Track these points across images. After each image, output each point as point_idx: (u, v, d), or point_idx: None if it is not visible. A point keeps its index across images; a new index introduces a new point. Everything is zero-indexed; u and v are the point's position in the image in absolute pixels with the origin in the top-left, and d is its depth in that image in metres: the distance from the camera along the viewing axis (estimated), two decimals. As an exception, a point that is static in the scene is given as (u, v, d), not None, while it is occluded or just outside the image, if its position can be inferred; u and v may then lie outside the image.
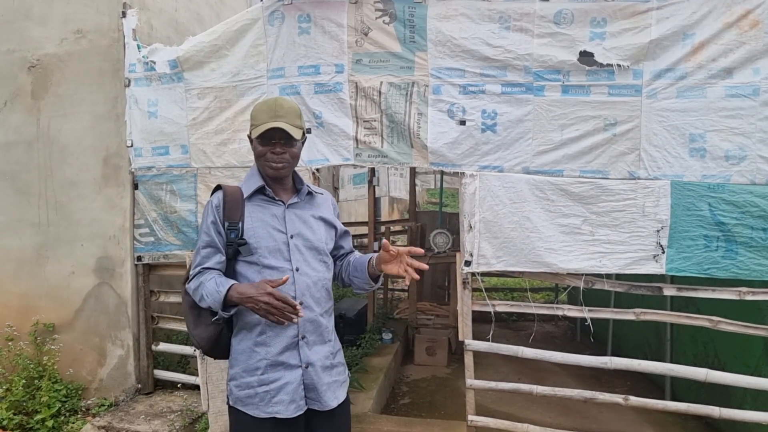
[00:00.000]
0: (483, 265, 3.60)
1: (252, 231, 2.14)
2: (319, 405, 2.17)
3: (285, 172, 2.19)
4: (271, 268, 2.12)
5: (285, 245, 2.15)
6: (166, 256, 4.18)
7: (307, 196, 2.28)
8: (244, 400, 2.15)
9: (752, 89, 3.26)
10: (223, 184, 2.24)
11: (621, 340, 6.37)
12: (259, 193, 2.21)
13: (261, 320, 2.10)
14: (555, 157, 3.51)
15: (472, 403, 3.71)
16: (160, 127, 4.03)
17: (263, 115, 2.12)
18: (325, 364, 2.20)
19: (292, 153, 2.17)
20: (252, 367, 2.14)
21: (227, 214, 2.15)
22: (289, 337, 2.13)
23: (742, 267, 3.33)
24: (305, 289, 2.15)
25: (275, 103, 2.15)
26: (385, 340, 6.35)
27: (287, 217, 2.19)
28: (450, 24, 3.54)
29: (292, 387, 2.12)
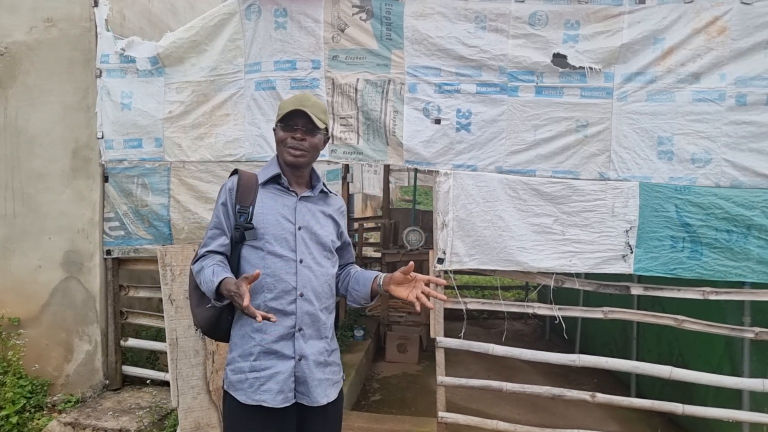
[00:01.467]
0: (456, 263, 3.63)
1: (261, 216, 2.15)
2: (308, 400, 2.16)
3: (303, 161, 2.19)
4: (275, 255, 2.13)
5: (292, 235, 2.16)
6: (136, 250, 4.12)
7: (320, 193, 2.28)
8: (236, 385, 2.15)
9: (718, 94, 3.36)
10: (239, 169, 2.26)
11: (589, 338, 6.49)
12: (273, 182, 2.22)
13: (259, 305, 2.10)
14: (528, 157, 3.56)
15: (442, 400, 3.74)
16: (134, 120, 3.98)
17: (289, 104, 2.16)
18: (319, 359, 2.18)
19: (312, 143, 2.17)
20: (247, 352, 2.15)
21: (239, 198, 2.17)
22: (285, 327, 2.13)
23: (707, 267, 3.42)
24: (306, 282, 2.14)
25: (303, 95, 2.21)
26: (356, 337, 6.36)
27: (298, 209, 2.19)
28: (426, 22, 3.57)
29: (282, 377, 2.12)
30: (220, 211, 2.19)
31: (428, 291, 2.05)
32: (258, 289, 2.12)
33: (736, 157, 3.37)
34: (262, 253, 2.13)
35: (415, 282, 2.08)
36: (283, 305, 2.12)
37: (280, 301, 2.12)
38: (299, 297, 2.12)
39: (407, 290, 2.08)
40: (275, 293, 2.12)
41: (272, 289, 2.12)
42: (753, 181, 3.37)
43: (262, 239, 2.13)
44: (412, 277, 2.07)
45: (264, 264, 2.12)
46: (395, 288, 2.11)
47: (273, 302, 2.11)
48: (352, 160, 3.78)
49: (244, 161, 3.82)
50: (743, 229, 3.36)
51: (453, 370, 4.18)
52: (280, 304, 2.12)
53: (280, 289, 2.12)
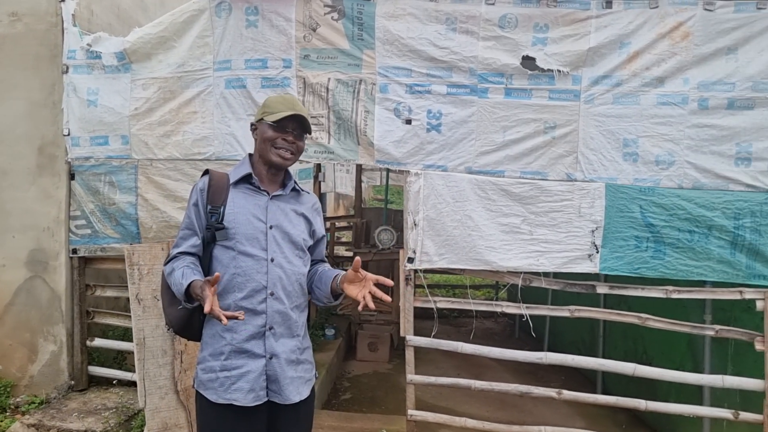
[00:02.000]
0: (426, 262, 3.66)
1: (232, 216, 2.16)
2: (279, 398, 2.16)
3: (290, 163, 2.23)
4: (246, 254, 2.13)
5: (263, 234, 2.16)
6: (103, 249, 4.06)
7: (292, 191, 2.29)
8: (206, 384, 2.15)
9: (681, 98, 3.44)
10: (211, 169, 2.26)
11: (557, 336, 6.59)
12: (244, 182, 2.23)
13: (230, 305, 2.11)
14: (497, 158, 3.61)
15: (412, 398, 3.77)
16: (100, 117, 3.92)
17: (281, 105, 2.18)
18: (290, 358, 2.19)
19: (299, 146, 2.23)
20: (217, 351, 2.15)
21: (211, 198, 2.17)
22: (256, 326, 2.13)
23: (670, 267, 3.51)
24: (277, 280, 2.15)
25: (292, 98, 2.25)
26: (327, 336, 6.37)
27: (269, 208, 2.20)
28: (398, 23, 3.59)
29: (253, 376, 2.12)
30: (192, 211, 2.20)
31: (375, 291, 2.04)
32: (229, 289, 2.13)
33: (698, 160, 3.46)
34: (233, 252, 2.14)
35: (365, 281, 2.07)
36: (253, 304, 2.12)
37: (251, 300, 2.12)
38: (270, 296, 2.13)
39: (357, 289, 2.08)
40: (246, 292, 2.12)
41: (243, 288, 2.12)
42: (714, 183, 3.46)
43: (233, 239, 2.14)
44: (362, 275, 2.08)
45: (235, 264, 2.13)
46: (347, 286, 2.11)
47: (243, 301, 2.12)
48: (323, 160, 3.78)
49: (214, 160, 3.79)
50: (704, 229, 3.45)
51: (423, 369, 4.21)
52: (250, 303, 2.12)
53: (250, 288, 2.12)
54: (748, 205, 3.41)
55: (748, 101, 3.39)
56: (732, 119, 3.42)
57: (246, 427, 2.14)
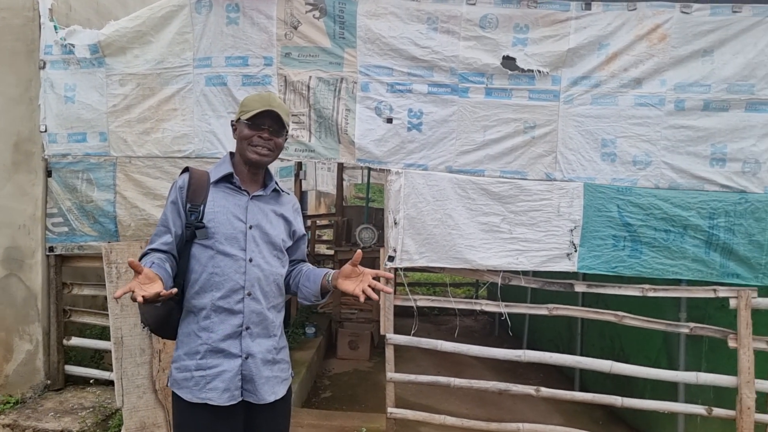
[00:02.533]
0: (406, 260, 3.68)
1: (212, 215, 2.14)
2: (254, 398, 2.16)
3: (268, 161, 2.20)
4: (225, 254, 2.12)
5: (242, 234, 2.15)
6: (81, 247, 4.02)
7: (272, 192, 2.27)
8: (180, 383, 2.14)
9: (659, 99, 3.49)
10: (190, 167, 2.24)
11: (536, 334, 6.65)
12: (225, 181, 2.21)
13: (206, 304, 2.11)
14: (477, 157, 3.63)
15: (391, 396, 3.78)
16: (78, 113, 3.87)
17: (256, 103, 2.15)
18: (266, 357, 2.19)
19: (277, 143, 2.20)
20: (193, 350, 2.13)
21: (191, 196, 2.15)
22: (232, 326, 2.12)
23: (646, 266, 3.56)
24: (255, 281, 2.14)
25: (269, 95, 2.20)
26: (308, 334, 6.36)
27: (249, 208, 2.19)
28: (379, 22, 3.59)
29: (228, 375, 2.11)
30: (170, 209, 2.17)
31: (375, 284, 2.05)
32: (206, 288, 2.12)
33: (674, 160, 3.51)
34: (212, 251, 2.13)
35: (362, 276, 2.08)
36: (230, 304, 2.12)
37: (228, 300, 2.11)
38: (247, 296, 2.13)
39: (354, 284, 2.08)
40: (223, 292, 2.11)
41: (220, 287, 2.11)
42: (690, 183, 3.52)
43: (212, 238, 2.13)
44: (360, 270, 2.08)
45: (213, 263, 2.12)
46: (343, 281, 2.10)
47: (221, 301, 2.11)
48: (304, 158, 3.78)
49: (194, 157, 3.76)
50: (680, 228, 3.51)
51: (403, 367, 4.23)
52: (227, 302, 2.11)
53: (228, 288, 2.11)
54: (722, 205, 3.47)
55: (723, 103, 3.46)
56: (707, 120, 3.48)
57: (221, 426, 2.13)
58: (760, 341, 3.47)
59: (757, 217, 3.45)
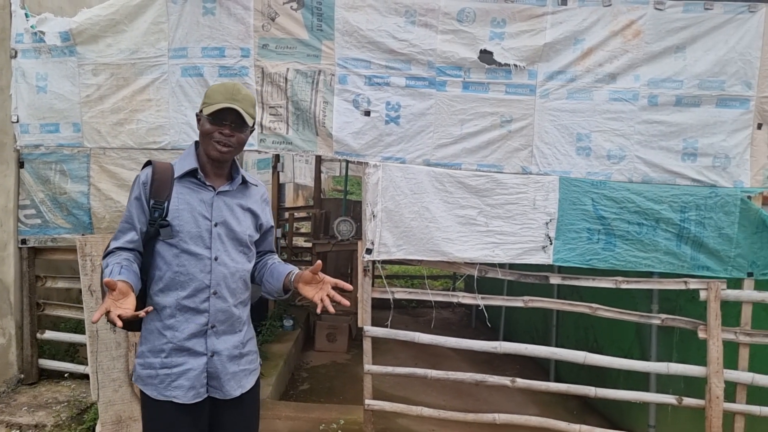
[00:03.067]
0: (384, 253, 3.69)
1: (177, 213, 2.10)
2: (220, 394, 2.15)
3: (229, 156, 2.14)
4: (190, 253, 2.09)
5: (208, 232, 2.11)
6: (54, 239, 3.96)
7: (240, 185, 2.23)
8: (145, 380, 2.12)
9: (632, 94, 3.54)
10: (154, 160, 2.18)
11: (513, 326, 6.72)
12: (190, 176, 2.15)
13: (171, 303, 2.08)
14: (454, 151, 3.65)
15: (369, 388, 3.80)
16: (50, 103, 3.80)
17: (219, 96, 2.08)
18: (233, 353, 2.17)
19: (239, 138, 2.13)
20: (157, 348, 2.11)
21: (154, 192, 2.10)
22: (198, 325, 2.10)
23: (619, 258, 3.62)
24: (221, 279, 2.11)
25: (233, 87, 2.12)
26: (286, 327, 6.35)
27: (215, 204, 2.14)
28: (357, 14, 3.58)
29: (194, 374, 2.10)
30: (133, 205, 2.13)
31: (334, 295, 2.04)
32: (171, 287, 2.09)
33: (647, 155, 3.57)
34: (177, 250, 2.09)
35: (322, 284, 2.07)
36: (196, 303, 2.09)
37: (193, 299, 2.09)
38: (213, 295, 2.10)
39: (314, 290, 2.06)
40: (188, 291, 2.09)
41: (185, 287, 2.09)
42: (662, 177, 3.58)
43: (176, 237, 2.09)
44: (320, 278, 2.07)
45: (178, 262, 2.08)
46: (303, 287, 2.09)
47: (186, 300, 2.09)
48: (281, 150, 3.76)
49: (170, 149, 3.73)
50: (653, 222, 3.57)
51: (381, 359, 4.26)
52: (193, 302, 2.09)
53: (193, 287, 2.09)
54: (693, 198, 3.54)
55: (695, 99, 3.52)
56: (679, 116, 3.54)
57: (187, 422, 2.12)
58: (728, 332, 3.55)
59: (726, 210, 3.53)
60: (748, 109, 3.52)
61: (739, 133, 3.53)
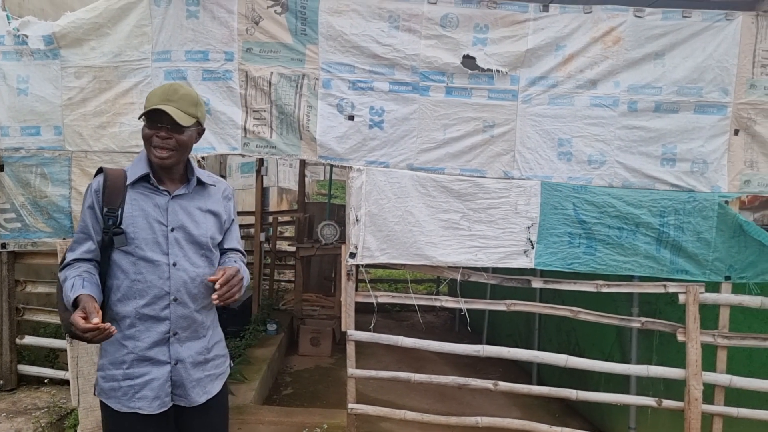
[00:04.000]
0: (367, 257, 3.70)
1: (131, 220, 2.04)
2: (185, 401, 2.12)
3: (170, 162, 2.06)
4: (147, 260, 2.04)
5: (164, 238, 2.07)
6: (34, 243, 3.91)
7: (197, 186, 2.17)
8: (108, 393, 2.08)
9: (613, 100, 3.59)
10: (105, 168, 2.12)
11: (496, 329, 6.76)
12: (143, 181, 2.09)
13: (130, 312, 2.04)
14: (437, 155, 3.67)
15: (352, 392, 3.81)
16: (31, 106, 3.77)
17: (154, 98, 2.02)
18: (197, 360, 2.14)
19: (179, 140, 2.04)
20: (118, 360, 2.07)
21: (106, 200, 2.04)
22: (159, 333, 2.06)
23: (600, 262, 3.66)
24: (181, 285, 2.07)
25: (170, 87, 2.06)
26: (269, 332, 6.33)
27: (170, 209, 2.09)
28: (341, 19, 3.60)
29: (158, 383, 2.06)
30: (87, 214, 2.08)
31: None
32: (130, 295, 2.05)
33: (627, 160, 3.62)
34: (133, 258, 2.04)
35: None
36: (156, 311, 2.05)
37: (153, 307, 2.05)
38: (173, 302, 2.06)
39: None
40: (147, 299, 2.05)
41: (144, 295, 2.05)
42: (642, 182, 3.63)
43: (132, 244, 2.04)
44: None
45: (135, 270, 2.04)
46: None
47: (145, 308, 2.05)
48: (265, 154, 3.76)
49: (153, 152, 3.70)
50: (632, 226, 3.62)
51: (365, 362, 4.26)
52: (152, 310, 2.05)
53: (152, 295, 2.05)
54: (672, 203, 3.59)
55: (674, 105, 3.58)
56: (659, 122, 3.59)
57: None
58: (707, 335, 3.61)
59: (704, 215, 3.58)
60: (725, 116, 3.58)
61: (717, 138, 3.60)
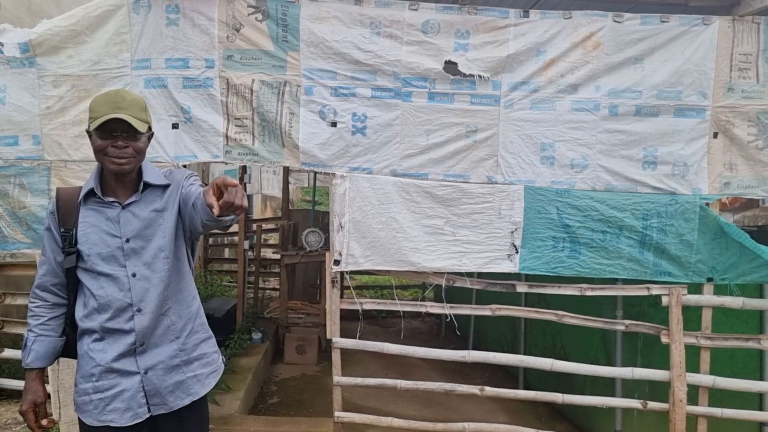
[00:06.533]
0: (352, 264, 3.68)
1: (85, 237, 2.04)
2: (165, 408, 2.08)
3: (129, 168, 2.04)
4: (105, 275, 2.03)
5: (119, 250, 2.04)
6: (13, 255, 3.85)
7: (150, 188, 2.12)
8: (81, 407, 2.07)
9: (594, 104, 3.62)
10: (59, 188, 2.15)
11: (482, 334, 6.76)
12: (93, 196, 2.09)
13: (96, 327, 2.04)
14: (421, 161, 3.67)
15: (339, 400, 3.78)
16: (8, 115, 3.71)
17: (103, 107, 1.97)
18: (171, 364, 2.10)
19: (136, 147, 2.03)
20: (87, 373, 2.05)
21: (62, 220, 2.07)
22: (125, 345, 2.03)
23: (584, 266, 3.68)
24: (143, 294, 2.04)
25: (117, 95, 2.02)
26: (254, 340, 6.29)
27: (122, 219, 2.06)
28: (322, 26, 3.59)
29: (128, 394, 2.03)
30: (45, 237, 2.12)
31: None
32: (94, 311, 2.04)
33: (609, 163, 3.65)
34: (93, 274, 2.05)
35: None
36: (120, 324, 2.04)
37: (117, 321, 2.03)
38: (137, 312, 2.04)
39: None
40: (110, 313, 2.03)
41: (107, 309, 2.04)
42: (624, 186, 3.66)
43: (88, 261, 2.04)
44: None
45: (97, 285, 2.04)
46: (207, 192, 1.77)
47: (109, 323, 2.03)
48: (247, 162, 3.74)
49: (133, 161, 3.66)
50: (616, 229, 3.64)
51: (351, 370, 4.24)
52: (117, 323, 2.03)
53: (114, 308, 2.03)
54: (654, 206, 3.62)
55: (654, 108, 3.61)
56: (639, 125, 3.62)
57: None
58: (690, 336, 3.63)
59: (686, 217, 3.61)
60: (704, 119, 3.62)
61: (697, 141, 3.63)
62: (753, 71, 3.63)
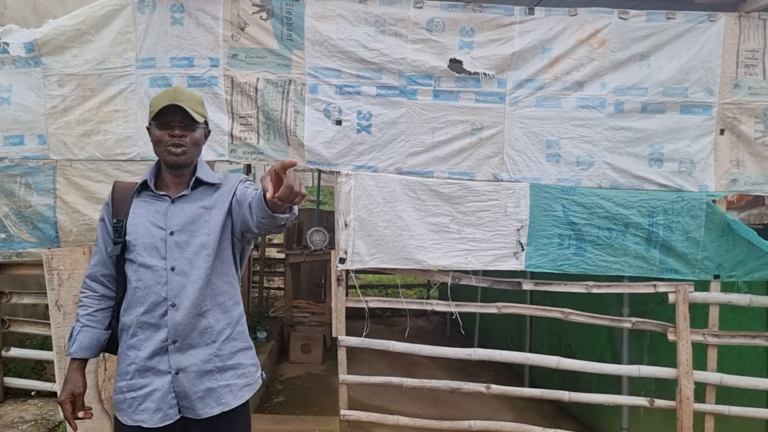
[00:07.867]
0: (357, 262, 3.68)
1: (132, 227, 2.07)
2: (192, 413, 2.04)
3: (186, 159, 2.05)
4: (146, 266, 2.03)
5: (162, 242, 2.04)
6: (19, 254, 3.86)
7: (202, 186, 2.12)
8: (117, 405, 2.07)
9: (599, 101, 3.61)
10: (117, 181, 2.21)
11: (487, 332, 6.75)
12: (146, 189, 2.12)
13: (134, 321, 2.03)
14: (426, 159, 3.67)
15: (344, 398, 3.78)
16: (14, 115, 3.72)
17: (161, 100, 2.02)
18: (203, 369, 2.04)
19: (193, 138, 2.05)
20: (123, 371, 2.06)
21: (115, 212, 2.12)
22: (158, 341, 2.01)
23: (590, 263, 3.67)
24: (179, 290, 2.01)
25: (175, 89, 2.07)
26: (259, 339, 6.28)
27: (170, 212, 2.07)
28: (327, 24, 3.59)
29: (159, 394, 2.00)
30: (99, 228, 2.17)
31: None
32: (131, 304, 2.05)
33: (615, 160, 3.63)
34: (135, 265, 2.05)
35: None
36: (154, 318, 2.02)
37: (152, 315, 2.02)
38: (170, 307, 2.01)
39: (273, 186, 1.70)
40: (146, 306, 2.02)
41: (143, 302, 2.02)
42: (630, 183, 3.64)
43: (133, 251, 2.05)
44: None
45: (136, 277, 2.04)
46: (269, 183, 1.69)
47: (145, 316, 2.03)
48: (252, 160, 3.74)
49: (139, 160, 3.67)
50: (622, 227, 3.63)
51: (356, 368, 4.24)
52: (151, 317, 2.02)
53: (150, 301, 2.02)
54: (661, 203, 3.61)
55: (660, 105, 3.60)
56: (645, 122, 3.61)
57: None
58: (697, 334, 3.62)
59: (693, 214, 3.60)
60: (710, 116, 3.61)
61: (703, 138, 3.62)
62: (759, 68, 3.61)
